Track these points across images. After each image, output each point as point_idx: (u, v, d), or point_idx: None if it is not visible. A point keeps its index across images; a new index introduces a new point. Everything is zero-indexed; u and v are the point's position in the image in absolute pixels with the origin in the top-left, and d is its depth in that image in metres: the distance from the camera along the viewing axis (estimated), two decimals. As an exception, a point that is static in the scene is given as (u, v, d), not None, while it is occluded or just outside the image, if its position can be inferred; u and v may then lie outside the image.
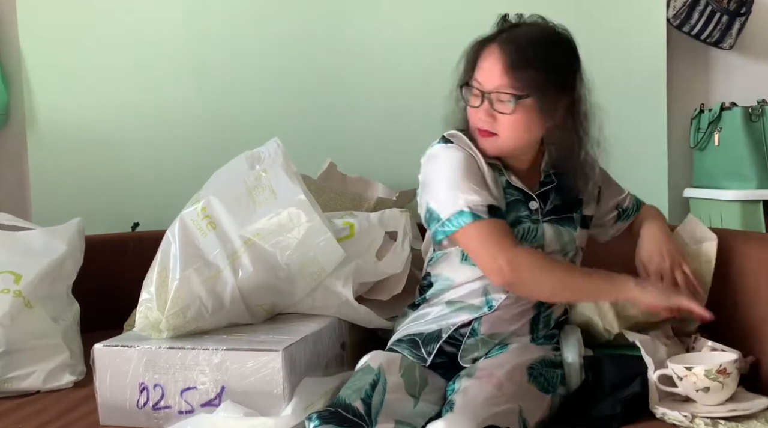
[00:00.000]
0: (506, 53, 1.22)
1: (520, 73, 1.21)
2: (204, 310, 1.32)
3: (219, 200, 1.37)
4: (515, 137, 1.26)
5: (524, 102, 1.23)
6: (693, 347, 1.40)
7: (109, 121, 2.19)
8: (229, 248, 1.34)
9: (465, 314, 1.30)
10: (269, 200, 1.36)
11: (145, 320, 1.30)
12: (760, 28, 2.14)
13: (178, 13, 2.17)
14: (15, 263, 1.55)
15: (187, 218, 1.37)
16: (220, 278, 1.32)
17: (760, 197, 1.93)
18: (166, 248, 1.35)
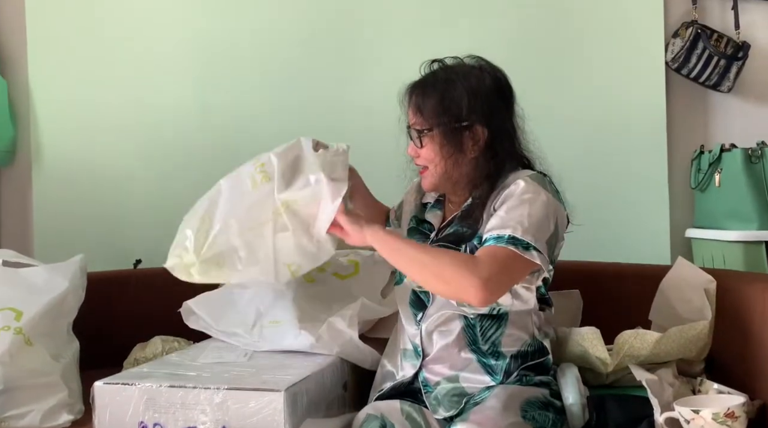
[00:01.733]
0: (415, 93, 1.35)
1: (423, 108, 1.33)
2: (237, 260, 1.33)
3: (278, 160, 1.38)
4: (438, 165, 1.33)
5: (430, 135, 1.33)
6: (699, 389, 1.38)
7: (113, 159, 2.21)
8: (273, 205, 1.35)
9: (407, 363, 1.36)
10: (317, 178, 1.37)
11: (177, 259, 1.32)
12: (757, 71, 2.18)
13: (182, 56, 2.21)
14: (16, 300, 1.54)
15: (244, 171, 1.40)
16: (259, 232, 1.34)
17: (763, 238, 1.93)
18: (215, 197, 1.37)
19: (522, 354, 1.31)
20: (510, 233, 1.21)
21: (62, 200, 2.20)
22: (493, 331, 1.30)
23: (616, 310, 1.62)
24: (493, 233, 1.24)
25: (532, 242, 1.21)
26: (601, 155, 2.15)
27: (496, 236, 1.23)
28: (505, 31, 2.14)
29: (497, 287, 1.21)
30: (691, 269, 1.53)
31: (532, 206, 1.25)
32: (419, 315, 1.33)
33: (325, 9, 2.20)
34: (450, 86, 1.32)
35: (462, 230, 1.33)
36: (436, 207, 1.45)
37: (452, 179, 1.35)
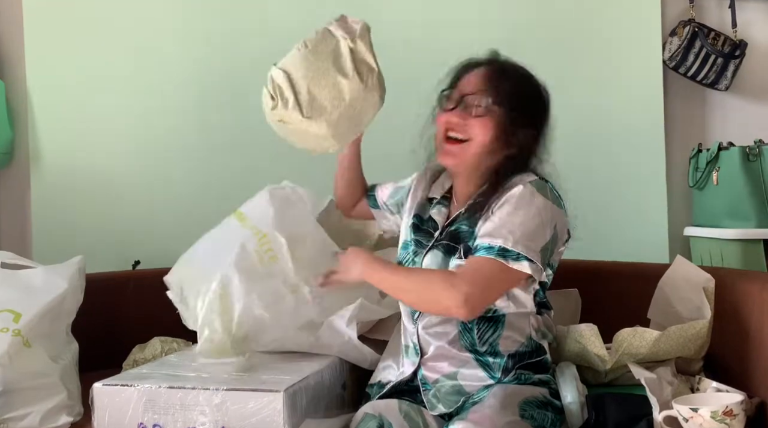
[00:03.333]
0: (489, 69, 1.33)
1: (498, 84, 1.30)
2: (265, 333, 1.36)
3: (283, 238, 1.43)
4: (483, 143, 1.29)
5: (494, 109, 1.29)
6: (697, 388, 1.38)
7: (112, 161, 2.21)
8: (290, 283, 1.40)
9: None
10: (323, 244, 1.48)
11: (208, 344, 1.33)
12: (754, 69, 2.19)
13: (181, 58, 2.20)
14: (15, 302, 1.54)
15: (249, 248, 1.41)
16: (282, 303, 1.38)
17: (761, 236, 1.93)
18: (228, 275, 1.37)
19: (519, 353, 1.31)
20: (500, 244, 1.22)
21: (60, 201, 2.20)
22: (491, 333, 1.30)
23: (615, 309, 1.62)
24: (484, 241, 1.24)
25: (522, 252, 1.21)
26: (599, 153, 2.16)
27: (487, 246, 1.23)
28: (502, 29, 2.15)
29: (480, 301, 1.22)
30: (690, 268, 1.53)
31: (527, 214, 1.24)
32: (416, 314, 1.34)
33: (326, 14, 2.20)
34: (526, 80, 1.34)
35: (465, 229, 1.32)
36: (442, 204, 1.41)
37: (479, 166, 1.32)
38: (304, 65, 1.33)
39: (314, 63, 1.33)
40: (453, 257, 1.30)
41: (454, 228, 1.34)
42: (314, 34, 1.38)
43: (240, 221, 1.47)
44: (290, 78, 1.32)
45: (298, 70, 1.33)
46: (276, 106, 1.33)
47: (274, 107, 1.33)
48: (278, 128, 1.39)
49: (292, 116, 1.33)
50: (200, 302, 1.36)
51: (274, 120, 1.37)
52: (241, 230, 1.44)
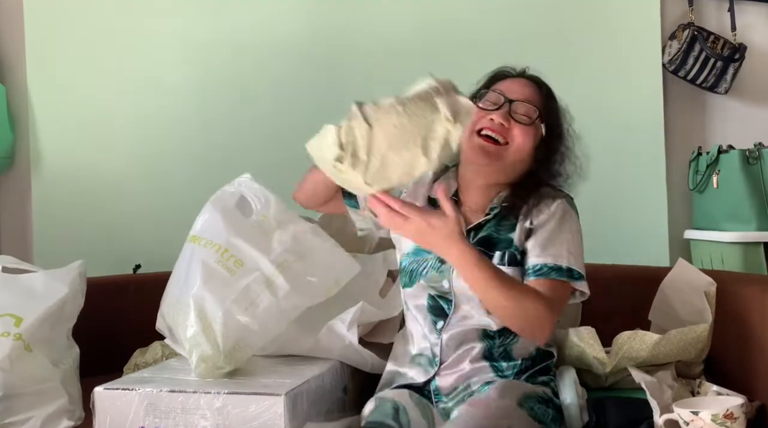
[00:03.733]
0: (537, 85, 1.35)
1: (546, 100, 1.33)
2: (253, 335, 1.35)
3: (243, 241, 1.42)
4: (522, 150, 1.30)
5: (539, 123, 1.31)
6: (698, 391, 1.38)
7: (112, 164, 2.21)
8: (263, 275, 1.39)
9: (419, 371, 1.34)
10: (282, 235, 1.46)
11: (203, 364, 1.31)
12: (754, 73, 2.19)
13: (182, 63, 2.21)
14: (16, 306, 1.54)
15: (210, 263, 1.39)
16: (260, 303, 1.36)
17: (761, 239, 1.93)
18: (199, 294, 1.36)
19: (532, 357, 1.33)
20: (566, 264, 1.26)
21: (61, 205, 2.20)
22: (510, 341, 1.31)
23: (615, 312, 1.62)
24: (548, 261, 1.26)
25: (581, 272, 1.27)
26: (599, 156, 2.13)
27: (554, 266, 1.25)
28: (501, 33, 2.15)
29: (555, 324, 1.27)
30: (691, 271, 1.53)
31: (573, 232, 1.30)
32: (440, 324, 1.32)
33: (323, 15, 2.20)
34: (562, 107, 1.38)
35: (496, 235, 1.31)
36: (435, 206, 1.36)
37: (506, 173, 1.32)
38: (391, 130, 1.12)
39: (403, 132, 1.12)
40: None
41: (484, 235, 1.32)
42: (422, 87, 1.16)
43: (195, 242, 1.45)
44: (371, 138, 1.11)
45: (382, 131, 1.11)
46: (342, 159, 1.13)
47: (338, 159, 1.12)
48: (322, 164, 1.20)
49: (353, 174, 1.14)
50: (182, 330, 1.35)
51: (328, 161, 1.15)
52: (198, 250, 1.43)
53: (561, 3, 2.18)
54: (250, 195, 1.53)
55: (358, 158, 1.11)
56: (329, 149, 1.13)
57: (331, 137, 1.13)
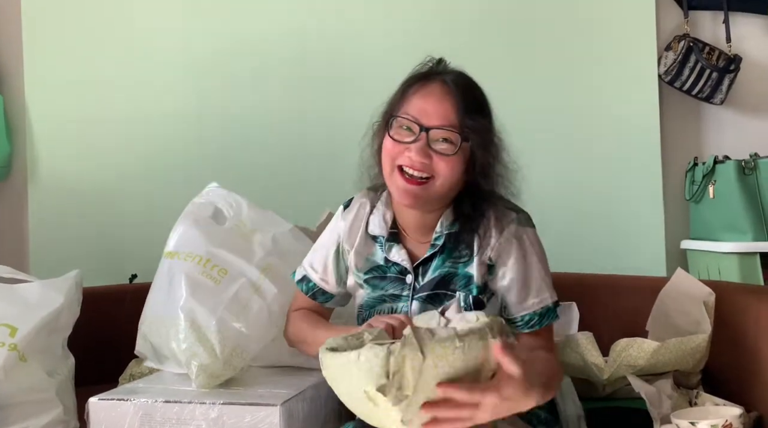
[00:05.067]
0: (457, 94, 1.15)
1: (469, 115, 1.14)
2: (249, 340, 1.34)
3: (223, 250, 1.42)
4: (450, 183, 1.16)
5: (465, 146, 1.15)
6: (695, 401, 1.38)
7: (109, 174, 2.21)
8: (249, 281, 1.40)
9: None
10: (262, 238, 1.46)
11: (202, 373, 1.30)
12: (749, 84, 2.20)
13: (179, 69, 2.22)
14: (11, 316, 1.53)
15: (194, 275, 1.39)
16: (251, 308, 1.36)
17: (757, 249, 1.94)
18: (188, 307, 1.36)
19: None
20: (550, 302, 1.19)
21: (58, 215, 2.20)
22: None
23: (613, 322, 1.62)
24: (536, 309, 1.17)
25: (557, 299, 1.21)
26: (595, 167, 2.16)
27: (542, 312, 1.17)
28: (497, 46, 2.16)
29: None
30: (690, 281, 1.53)
31: (541, 256, 1.21)
32: None
33: (318, 14, 2.21)
34: (482, 97, 1.19)
35: (452, 271, 1.20)
36: (393, 241, 1.23)
37: (440, 200, 1.19)
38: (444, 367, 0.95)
39: (456, 371, 0.96)
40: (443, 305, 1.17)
41: (437, 275, 1.20)
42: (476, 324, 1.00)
43: (172, 258, 1.45)
44: (422, 371, 0.94)
45: (434, 365, 0.94)
46: (386, 390, 0.94)
47: (382, 389, 0.94)
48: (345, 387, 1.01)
49: (390, 409, 0.95)
50: (174, 344, 1.35)
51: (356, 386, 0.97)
52: (177, 264, 1.42)
53: (557, 14, 2.19)
54: (221, 203, 1.54)
55: (402, 393, 0.94)
56: (369, 375, 0.94)
57: (380, 363, 0.94)
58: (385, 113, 1.21)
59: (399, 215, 1.25)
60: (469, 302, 1.18)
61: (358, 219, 1.28)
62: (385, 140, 1.18)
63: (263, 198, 1.68)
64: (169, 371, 1.42)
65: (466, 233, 1.19)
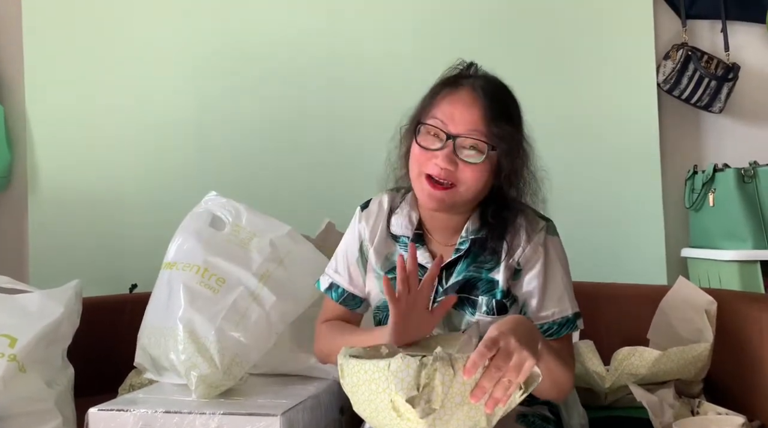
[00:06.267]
0: (485, 100, 1.15)
1: (498, 124, 1.14)
2: (248, 349, 1.34)
3: (221, 259, 1.42)
4: (476, 190, 1.16)
5: (492, 154, 1.15)
6: (698, 411, 1.37)
7: (109, 185, 2.21)
8: (247, 289, 1.39)
9: None
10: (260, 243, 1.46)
11: (202, 384, 1.29)
12: (747, 92, 2.21)
13: (179, 79, 2.23)
14: (11, 327, 1.53)
15: (192, 285, 1.39)
16: (249, 317, 1.36)
17: (758, 257, 1.94)
18: (186, 317, 1.35)
19: None
20: (571, 312, 1.19)
21: (58, 225, 2.20)
22: None
23: (613, 331, 1.62)
24: (556, 318, 1.17)
25: (578, 310, 1.21)
26: (595, 176, 2.17)
27: (562, 322, 1.17)
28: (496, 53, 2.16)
29: None
30: (692, 290, 1.53)
31: (566, 267, 1.21)
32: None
33: (320, 17, 2.22)
34: (513, 103, 1.19)
35: (477, 275, 1.20)
36: (418, 243, 1.23)
37: (465, 205, 1.19)
38: (471, 383, 0.95)
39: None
40: (467, 311, 1.19)
41: (461, 278, 1.20)
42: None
43: (170, 268, 1.45)
44: (451, 386, 0.95)
45: (462, 381, 0.95)
46: (416, 403, 0.94)
47: (410, 400, 0.94)
48: (366, 396, 1.00)
49: (416, 423, 0.95)
50: (174, 354, 1.34)
51: (381, 397, 0.97)
52: (176, 275, 1.42)
53: (555, 23, 2.20)
54: (219, 211, 1.54)
55: (431, 407, 0.94)
56: (399, 385, 0.94)
57: (411, 374, 0.94)
58: (413, 117, 1.21)
59: (425, 216, 1.25)
60: (492, 307, 1.18)
61: (379, 218, 1.28)
62: (413, 146, 1.18)
63: (263, 207, 1.68)
64: (169, 382, 1.42)
65: (494, 240, 1.19)
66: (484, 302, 1.19)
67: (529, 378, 0.99)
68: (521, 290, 1.20)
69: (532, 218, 1.22)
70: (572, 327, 1.19)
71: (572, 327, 1.19)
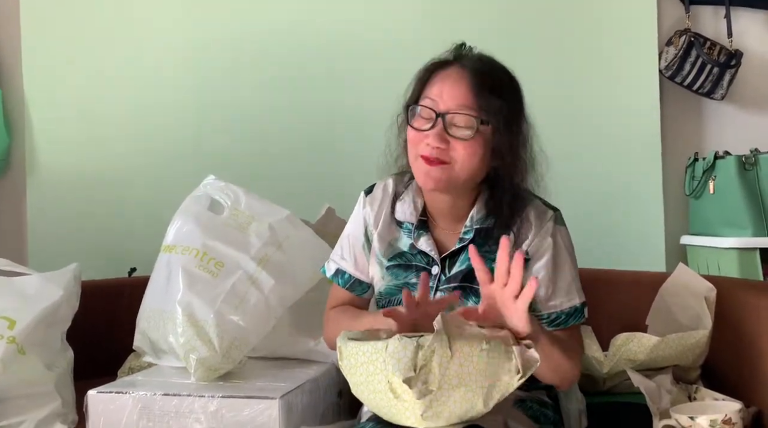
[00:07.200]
0: (472, 74, 1.13)
1: (486, 97, 1.12)
2: (247, 332, 1.34)
3: (219, 242, 1.42)
4: (471, 168, 1.14)
5: (484, 129, 1.12)
6: (695, 396, 1.38)
7: (108, 168, 2.21)
8: (246, 273, 1.39)
9: None
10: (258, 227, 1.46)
11: (201, 367, 1.30)
12: (749, 79, 2.20)
13: (178, 61, 2.21)
14: (10, 309, 1.53)
15: (191, 269, 1.39)
16: (248, 300, 1.36)
17: (757, 244, 1.94)
18: (185, 300, 1.36)
19: None
20: (578, 302, 1.18)
21: (57, 208, 2.20)
22: None
23: (612, 317, 1.62)
24: (564, 308, 1.17)
25: (584, 300, 1.20)
26: (595, 162, 2.16)
27: (570, 312, 1.17)
28: (498, 39, 2.15)
29: None
30: (691, 277, 1.53)
31: (573, 257, 1.21)
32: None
33: (321, 10, 2.20)
34: (507, 80, 1.17)
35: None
36: (422, 230, 1.22)
37: (465, 184, 1.17)
38: (468, 366, 0.98)
39: (477, 372, 0.98)
40: (471, 300, 1.18)
41: (465, 267, 1.18)
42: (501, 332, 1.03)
43: (170, 252, 1.45)
44: (447, 368, 0.96)
45: (460, 364, 0.97)
46: (412, 383, 0.95)
47: (407, 381, 0.94)
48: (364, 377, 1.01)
49: (413, 403, 0.96)
50: (173, 337, 1.35)
51: (379, 377, 0.98)
52: (175, 258, 1.42)
53: (557, 9, 2.19)
54: (218, 194, 1.53)
55: (427, 388, 0.95)
56: (396, 366, 0.95)
57: (408, 356, 0.95)
58: (406, 102, 1.20)
59: (430, 201, 1.23)
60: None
61: (383, 204, 1.27)
62: (408, 130, 1.18)
63: (262, 192, 1.67)
64: (168, 365, 1.42)
65: (500, 229, 1.18)
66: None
67: (527, 362, 0.99)
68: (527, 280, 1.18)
69: (540, 208, 1.21)
70: (580, 316, 1.19)
71: (580, 316, 1.19)
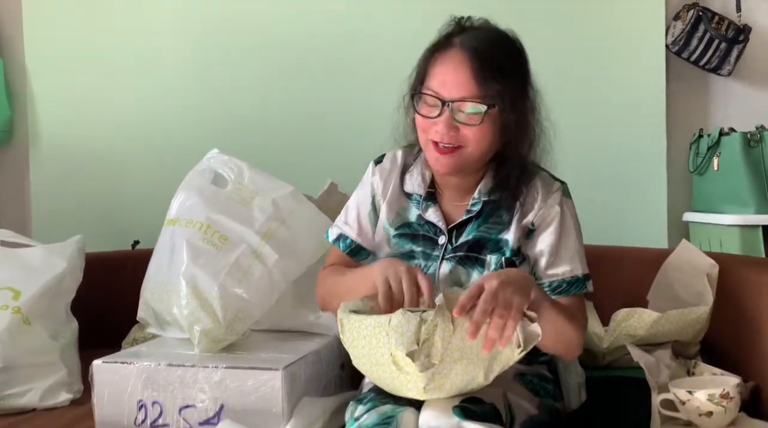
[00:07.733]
0: (475, 60, 1.13)
1: (490, 81, 1.12)
2: (251, 305, 1.35)
3: (223, 216, 1.42)
4: (482, 149, 1.16)
5: (491, 112, 1.14)
6: (693, 371, 1.39)
7: (112, 140, 2.20)
8: (250, 247, 1.40)
9: None
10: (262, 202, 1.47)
11: (205, 338, 1.31)
12: (757, 55, 2.17)
13: (182, 37, 2.20)
14: (14, 280, 1.55)
15: (195, 242, 1.39)
16: (252, 274, 1.37)
17: (759, 222, 1.93)
18: (189, 273, 1.36)
19: None
20: (581, 272, 1.20)
21: (60, 180, 2.20)
22: None
23: (613, 293, 1.62)
24: (566, 276, 1.19)
25: (588, 273, 1.21)
26: (600, 137, 2.15)
27: (571, 281, 1.19)
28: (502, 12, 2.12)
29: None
30: (694, 253, 1.53)
31: (578, 229, 1.22)
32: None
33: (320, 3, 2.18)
34: (510, 54, 1.17)
35: (486, 236, 1.21)
36: (430, 202, 1.24)
37: (476, 164, 1.19)
38: (465, 345, 0.99)
39: (478, 345, 1.00)
40: (475, 269, 1.20)
41: (471, 237, 1.21)
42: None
43: (173, 225, 1.45)
44: (449, 342, 0.98)
45: (461, 338, 0.99)
46: (416, 357, 0.97)
47: (410, 354, 0.97)
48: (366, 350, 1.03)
49: (416, 377, 0.98)
50: (176, 309, 1.35)
51: (381, 350, 1.00)
52: (179, 231, 1.43)
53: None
54: (222, 168, 1.53)
55: (430, 361, 0.97)
56: (400, 340, 0.96)
57: (412, 329, 0.96)
58: (411, 87, 1.21)
59: (438, 176, 1.25)
60: (501, 265, 1.19)
61: (392, 174, 1.29)
62: (416, 115, 1.20)
63: (265, 166, 1.67)
64: (172, 336, 1.43)
65: (507, 200, 1.20)
66: (493, 260, 1.19)
67: (529, 336, 1.00)
68: (534, 249, 1.21)
69: (547, 179, 1.23)
70: (582, 287, 1.20)
71: (582, 287, 1.20)
